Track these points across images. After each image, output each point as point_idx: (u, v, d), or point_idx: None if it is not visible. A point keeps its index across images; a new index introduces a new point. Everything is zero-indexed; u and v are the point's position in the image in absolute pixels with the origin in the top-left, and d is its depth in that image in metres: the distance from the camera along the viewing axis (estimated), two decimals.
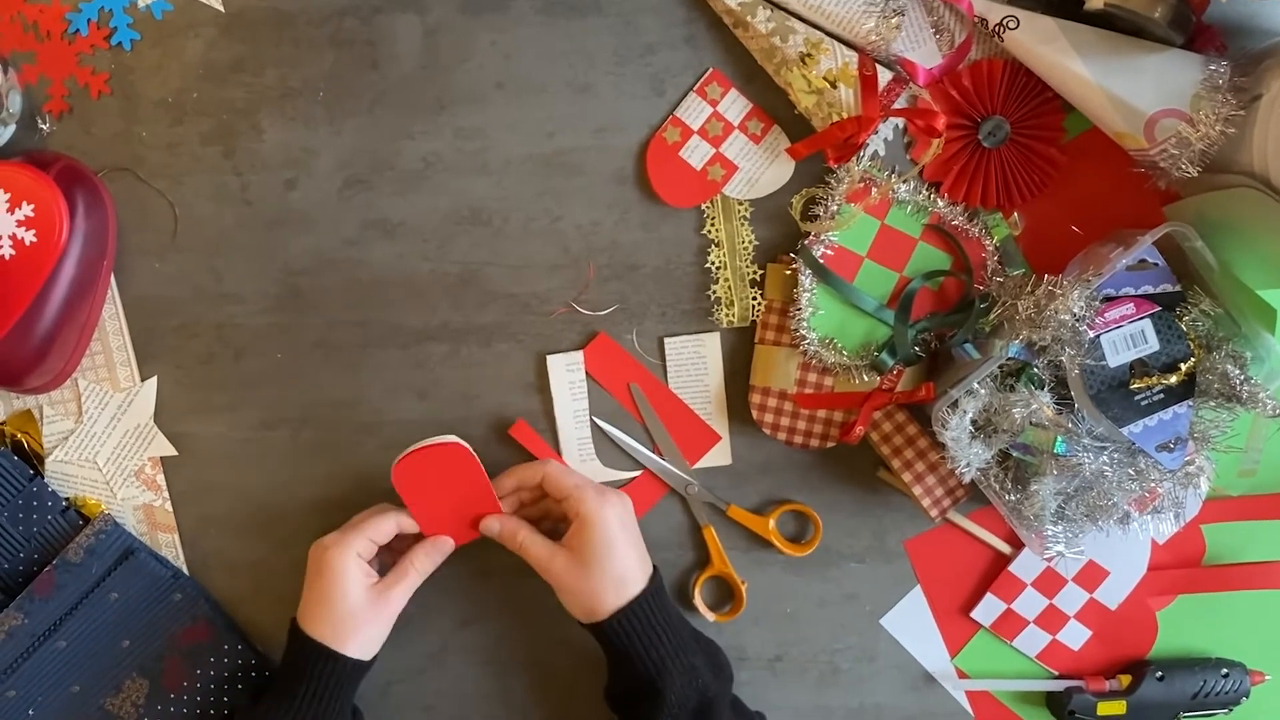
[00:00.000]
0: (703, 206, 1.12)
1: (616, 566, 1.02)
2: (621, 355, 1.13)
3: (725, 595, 1.16)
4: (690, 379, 1.13)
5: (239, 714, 1.12)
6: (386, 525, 1.04)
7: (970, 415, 1.01)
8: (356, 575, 1.02)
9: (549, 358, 1.13)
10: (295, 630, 1.04)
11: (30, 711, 1.09)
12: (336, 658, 1.01)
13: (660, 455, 1.14)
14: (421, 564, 1.05)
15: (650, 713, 1.01)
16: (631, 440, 1.13)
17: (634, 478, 1.14)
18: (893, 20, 1.05)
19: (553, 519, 1.10)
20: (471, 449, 1.05)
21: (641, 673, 1.02)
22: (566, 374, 1.13)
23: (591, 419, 1.13)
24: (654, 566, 1.06)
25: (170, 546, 1.14)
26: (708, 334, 1.13)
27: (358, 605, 1.02)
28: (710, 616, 1.14)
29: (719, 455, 1.14)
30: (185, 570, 1.15)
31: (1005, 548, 1.14)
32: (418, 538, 1.07)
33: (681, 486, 1.14)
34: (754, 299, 1.12)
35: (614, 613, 1.01)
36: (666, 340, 1.13)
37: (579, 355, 1.13)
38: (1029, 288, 1.02)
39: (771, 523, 1.14)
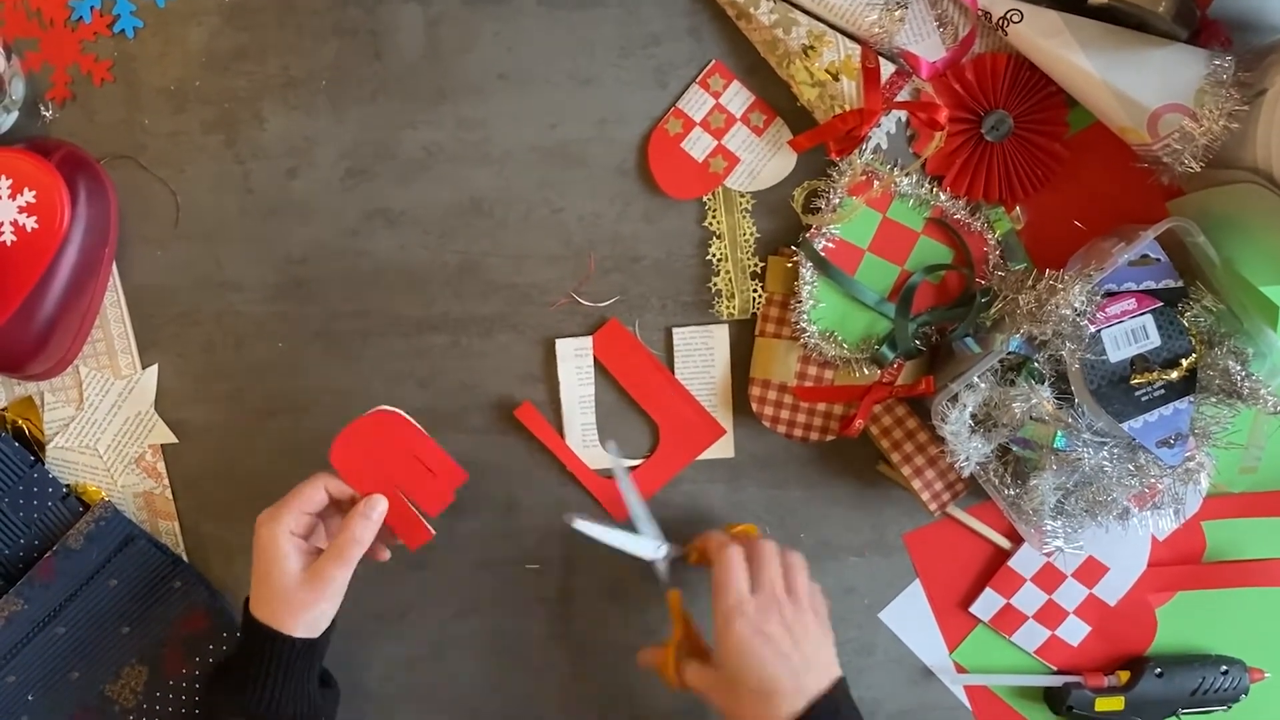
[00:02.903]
0: (704, 198, 1.11)
1: (760, 680, 0.94)
2: (631, 342, 1.12)
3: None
4: (697, 370, 1.13)
5: (203, 701, 1.10)
6: (315, 494, 1.01)
7: (970, 409, 1.00)
8: (288, 553, 0.98)
9: (558, 341, 1.12)
10: (245, 610, 1.01)
11: (29, 697, 1.09)
12: (278, 638, 0.97)
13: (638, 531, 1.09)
14: (359, 531, 0.99)
15: None
16: (602, 535, 1.06)
17: (636, 466, 1.14)
18: (896, 13, 1.04)
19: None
20: (403, 412, 1.02)
21: None
22: (575, 358, 1.12)
23: (574, 520, 1.05)
24: (839, 673, 0.97)
25: (170, 534, 1.14)
26: (717, 325, 1.12)
27: (293, 584, 0.98)
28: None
29: (722, 448, 1.14)
30: (185, 557, 1.14)
31: (1005, 542, 1.14)
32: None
33: (655, 557, 1.08)
34: (755, 291, 1.11)
35: None
36: (675, 330, 1.12)
37: (588, 340, 1.12)
38: (1030, 282, 1.01)
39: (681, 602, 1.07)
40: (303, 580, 0.98)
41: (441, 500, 1.04)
